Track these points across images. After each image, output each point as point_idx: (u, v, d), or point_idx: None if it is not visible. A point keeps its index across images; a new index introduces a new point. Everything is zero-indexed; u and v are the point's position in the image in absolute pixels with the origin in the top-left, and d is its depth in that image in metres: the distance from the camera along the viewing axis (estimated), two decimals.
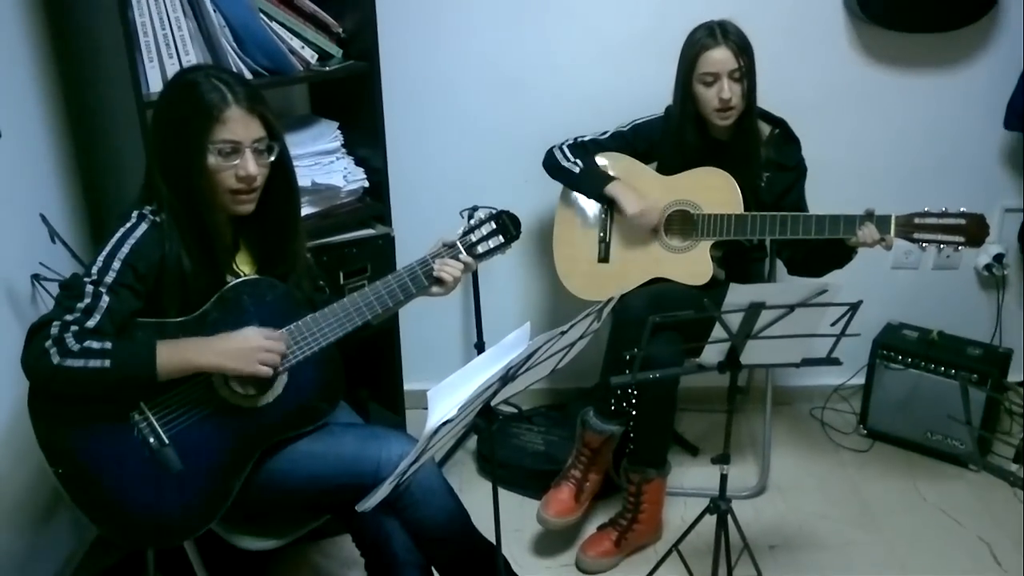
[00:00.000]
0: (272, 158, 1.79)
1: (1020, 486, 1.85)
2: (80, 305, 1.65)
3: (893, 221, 2.28)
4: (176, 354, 1.69)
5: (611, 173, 2.53)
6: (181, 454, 1.74)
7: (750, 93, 2.39)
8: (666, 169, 2.53)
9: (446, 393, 1.51)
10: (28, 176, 2.16)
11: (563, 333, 1.64)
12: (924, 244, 2.28)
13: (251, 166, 1.73)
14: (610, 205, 2.52)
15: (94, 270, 1.68)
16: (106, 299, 1.67)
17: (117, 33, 1.97)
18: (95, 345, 1.62)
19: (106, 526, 1.78)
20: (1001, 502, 2.69)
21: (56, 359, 1.60)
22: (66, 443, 1.71)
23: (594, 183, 2.51)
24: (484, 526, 1.91)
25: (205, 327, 1.77)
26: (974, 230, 2.25)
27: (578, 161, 2.52)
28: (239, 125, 1.71)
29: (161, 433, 1.73)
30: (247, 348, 1.72)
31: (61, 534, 2.33)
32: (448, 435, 1.59)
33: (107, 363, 1.62)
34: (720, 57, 2.33)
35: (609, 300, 1.77)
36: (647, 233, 2.50)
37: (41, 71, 2.22)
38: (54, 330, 1.62)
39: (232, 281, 1.82)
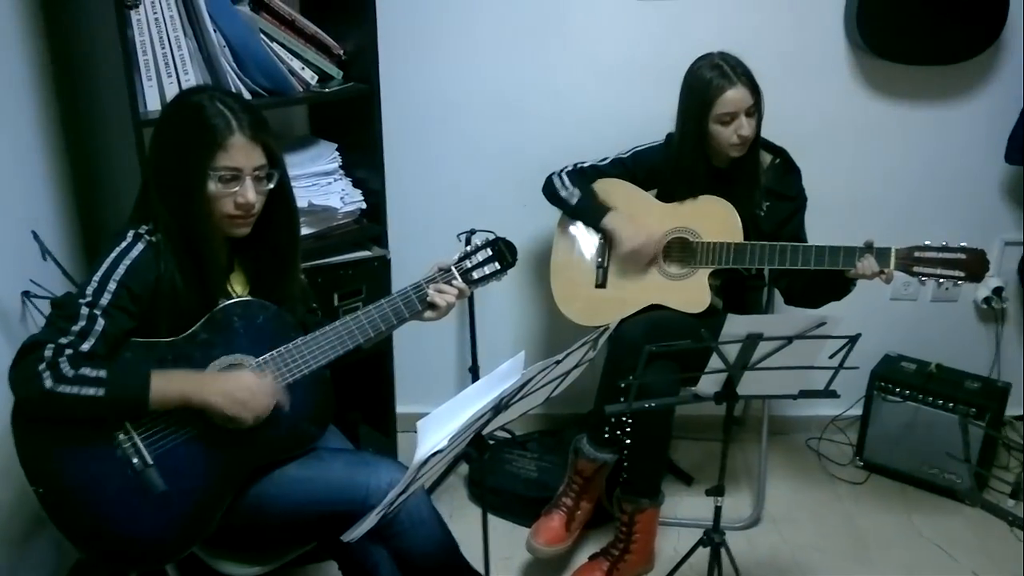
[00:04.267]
0: (271, 185, 1.78)
1: (1019, 526, 1.83)
2: (75, 328, 1.64)
3: (893, 254, 2.27)
4: (169, 387, 1.68)
5: (610, 200, 2.51)
6: (165, 475, 1.72)
7: (757, 125, 2.39)
8: (666, 196, 2.52)
9: (436, 423, 1.49)
10: (20, 192, 2.15)
11: (558, 362, 1.63)
12: (923, 278, 2.27)
13: (250, 194, 1.72)
14: (607, 237, 2.51)
15: (89, 291, 1.67)
16: (101, 322, 1.65)
17: (115, 52, 1.96)
18: (90, 373, 1.61)
19: (86, 547, 1.75)
20: (996, 538, 2.66)
21: (49, 383, 1.59)
22: (48, 462, 1.68)
23: (592, 215, 2.50)
24: (474, 552, 1.88)
25: (195, 347, 1.76)
26: (974, 266, 2.24)
27: (576, 191, 2.51)
28: (241, 153, 1.70)
29: (145, 453, 1.71)
30: (241, 391, 1.71)
31: (42, 555, 2.29)
32: (438, 465, 1.57)
33: (100, 392, 1.61)
34: (737, 97, 2.32)
35: (604, 329, 1.75)
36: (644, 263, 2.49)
37: (37, 87, 2.21)
38: (48, 353, 1.60)
39: (224, 302, 1.80)
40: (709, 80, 2.35)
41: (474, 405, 1.52)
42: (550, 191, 2.56)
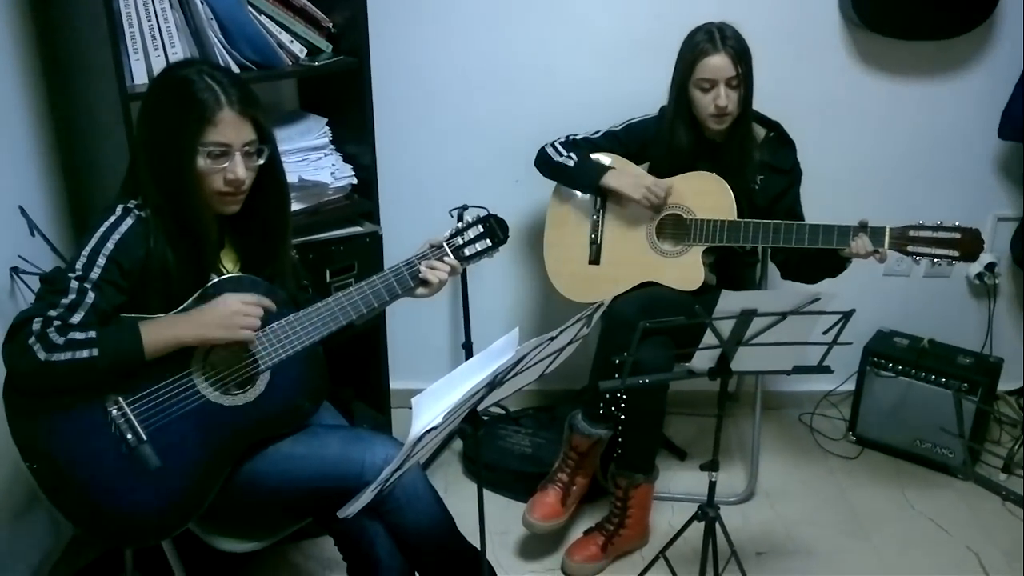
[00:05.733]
0: (261, 161, 1.76)
1: (1012, 500, 1.83)
2: (64, 301, 1.62)
3: (887, 233, 2.27)
4: (160, 332, 1.66)
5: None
6: (159, 451, 1.70)
7: (746, 99, 2.37)
8: (658, 170, 2.51)
9: (431, 400, 1.48)
10: (7, 168, 2.12)
11: (552, 339, 1.62)
12: (918, 258, 2.26)
13: (240, 170, 1.70)
14: (605, 197, 2.50)
15: (78, 265, 1.65)
16: (91, 295, 1.64)
17: (101, 24, 1.93)
18: (79, 336, 1.60)
19: (81, 523, 1.74)
20: (990, 512, 2.68)
21: (43, 355, 1.57)
22: (41, 439, 1.67)
23: (590, 175, 2.48)
24: (469, 528, 1.88)
25: None
26: (969, 245, 2.24)
27: (572, 155, 2.49)
28: (231, 128, 1.68)
29: (139, 429, 1.69)
30: (228, 313, 1.70)
31: (38, 532, 2.29)
32: (433, 441, 1.56)
33: (95, 352, 1.60)
34: (718, 64, 2.31)
35: (599, 306, 1.74)
36: (646, 227, 2.47)
37: (23, 62, 2.18)
38: (36, 326, 1.59)
39: (215, 278, 1.79)
40: (696, 43, 2.34)
41: (469, 381, 1.51)
42: (544, 160, 2.54)
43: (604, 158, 2.53)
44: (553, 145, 2.54)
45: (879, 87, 2.85)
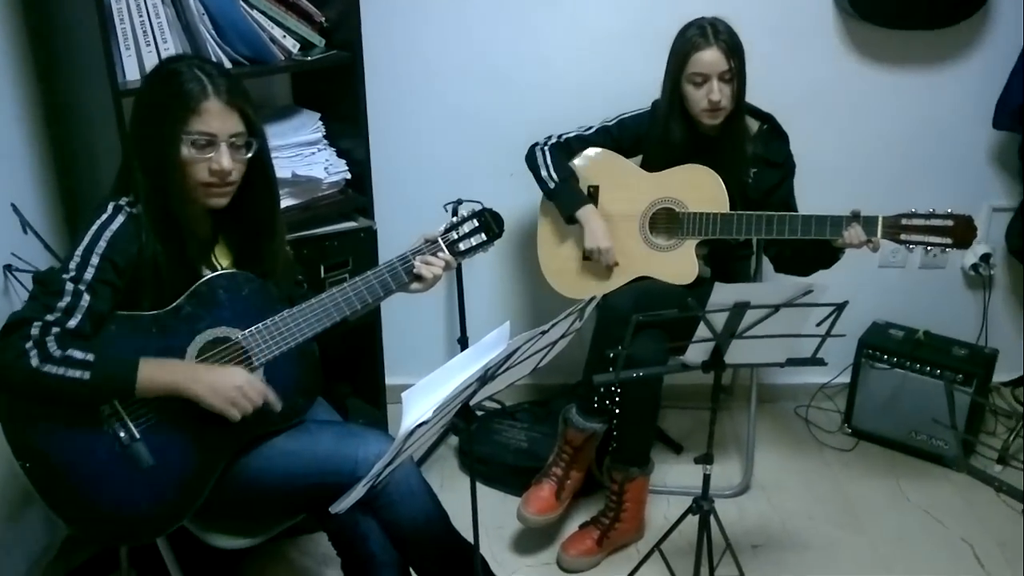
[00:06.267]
0: (249, 155, 1.76)
1: (1006, 491, 1.84)
2: (60, 304, 1.62)
3: (880, 222, 2.27)
4: (158, 377, 1.66)
5: (594, 173, 2.50)
6: (152, 450, 1.71)
7: (739, 93, 2.37)
8: (651, 164, 2.51)
9: (421, 394, 1.48)
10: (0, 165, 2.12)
11: (544, 333, 1.62)
12: (911, 246, 2.26)
13: (225, 160, 1.70)
14: (597, 192, 2.50)
15: (72, 266, 1.65)
16: (87, 297, 1.64)
17: (93, 21, 1.93)
18: (78, 355, 1.59)
19: (75, 522, 1.74)
20: (985, 503, 2.68)
21: (35, 362, 1.57)
22: (34, 437, 1.67)
23: (567, 203, 2.47)
24: (464, 523, 1.88)
25: (180, 320, 1.74)
26: (961, 232, 2.24)
27: (555, 175, 2.47)
28: (216, 118, 1.68)
29: (132, 428, 1.69)
30: (229, 386, 1.69)
31: (32, 530, 2.29)
32: (425, 436, 1.56)
33: (86, 375, 1.59)
34: (711, 59, 2.30)
35: (591, 299, 1.74)
36: (641, 212, 2.48)
37: (15, 59, 2.17)
38: (35, 331, 1.59)
39: (208, 275, 1.79)
40: (689, 38, 2.34)
41: (459, 376, 1.51)
42: (532, 164, 2.53)
43: (598, 154, 2.52)
44: (543, 149, 2.52)
45: (873, 77, 2.84)
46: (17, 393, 1.65)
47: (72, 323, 1.62)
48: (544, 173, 2.49)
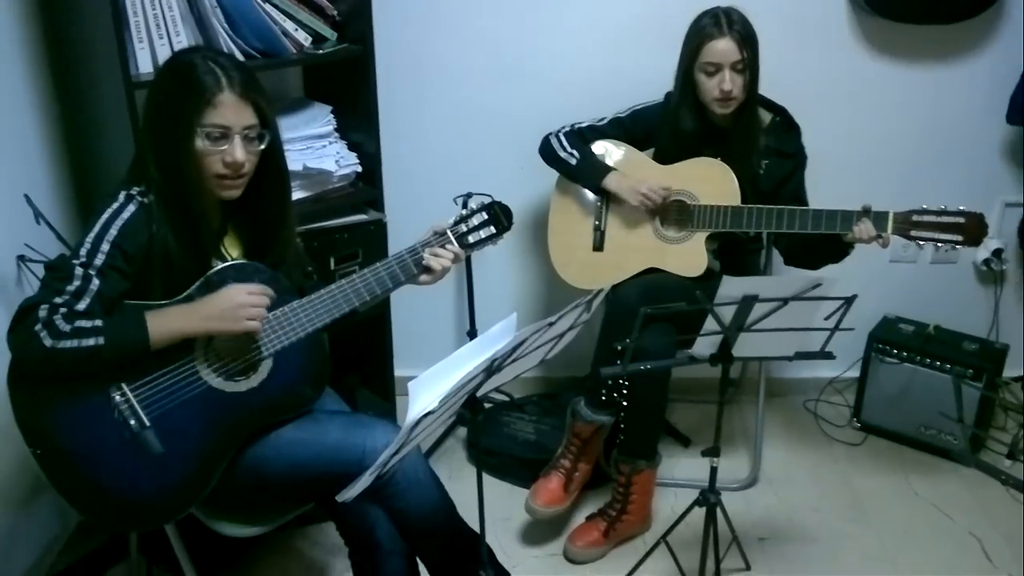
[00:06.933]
0: (263, 146, 1.77)
1: (1012, 485, 1.84)
2: (70, 288, 1.64)
3: (891, 218, 2.26)
4: (165, 323, 1.68)
5: (608, 163, 2.50)
6: (162, 437, 1.72)
7: (752, 84, 2.36)
8: (664, 156, 2.51)
9: (428, 384, 1.49)
10: (13, 156, 2.14)
11: (551, 324, 1.63)
12: (921, 242, 2.26)
13: (239, 152, 1.71)
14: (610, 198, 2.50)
15: (83, 252, 1.67)
16: (96, 282, 1.66)
17: (106, 13, 1.94)
18: (86, 324, 1.62)
19: (84, 508, 1.76)
20: (993, 498, 2.67)
21: (48, 342, 1.59)
22: (45, 424, 1.69)
23: (592, 175, 2.48)
24: (472, 514, 1.89)
25: None
26: (972, 229, 2.23)
27: (575, 152, 2.49)
28: (230, 111, 1.69)
29: (142, 415, 1.71)
30: (232, 306, 1.71)
31: (44, 518, 2.32)
32: (432, 426, 1.57)
33: (100, 340, 1.62)
34: (723, 48, 2.30)
35: (599, 291, 1.75)
36: (648, 217, 2.48)
37: (29, 51, 2.19)
38: (43, 313, 1.61)
39: (219, 265, 1.80)
40: (702, 27, 2.34)
41: (466, 366, 1.52)
42: (548, 152, 2.54)
43: (610, 146, 2.53)
44: (557, 136, 2.54)
45: (885, 71, 2.83)
46: (38, 375, 1.67)
47: (81, 305, 1.64)
48: (563, 154, 2.50)
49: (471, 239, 2.01)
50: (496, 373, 1.61)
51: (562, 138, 2.53)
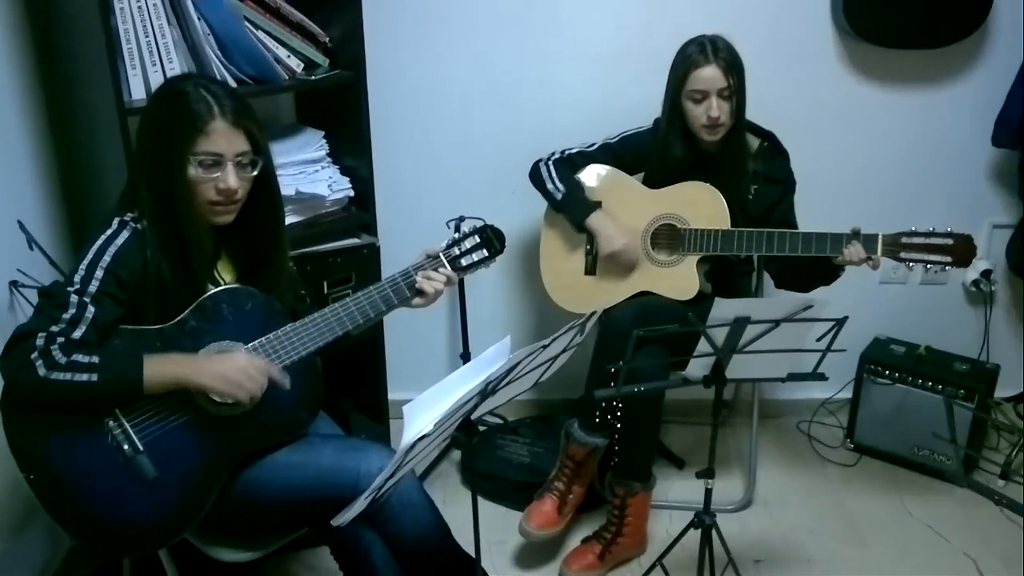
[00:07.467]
0: (255, 172, 1.78)
1: (1007, 505, 1.84)
2: (65, 316, 1.64)
3: (880, 240, 2.28)
4: (163, 371, 1.68)
5: (597, 190, 2.52)
6: (156, 462, 1.72)
7: (739, 110, 2.39)
8: (653, 181, 2.53)
9: (422, 408, 1.49)
10: (6, 182, 2.14)
11: (544, 347, 1.63)
12: (911, 264, 2.28)
13: (232, 180, 1.72)
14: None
15: (77, 279, 1.67)
16: (91, 309, 1.66)
17: (99, 40, 1.95)
18: (82, 359, 1.61)
19: (78, 534, 1.76)
20: (987, 518, 2.68)
21: (43, 371, 1.59)
22: (38, 449, 1.69)
23: (576, 213, 2.49)
24: (467, 537, 1.89)
25: (184, 335, 1.76)
26: (961, 250, 2.25)
27: (561, 186, 2.50)
28: (223, 138, 1.70)
29: (136, 440, 1.71)
30: (234, 369, 1.71)
31: (36, 542, 2.30)
32: (427, 450, 1.57)
33: (94, 377, 1.61)
34: (710, 75, 2.33)
35: (592, 314, 1.75)
36: (639, 242, 2.49)
37: (22, 76, 2.20)
38: (40, 341, 1.61)
39: (212, 290, 1.80)
40: (688, 55, 2.36)
41: (460, 390, 1.52)
42: (536, 179, 2.55)
43: (601, 170, 2.54)
44: (547, 165, 2.54)
45: (872, 96, 2.86)
46: (29, 404, 1.67)
47: (77, 334, 1.63)
48: (550, 186, 2.51)
49: (464, 262, 2.02)
50: (490, 396, 1.61)
51: (551, 167, 2.53)
